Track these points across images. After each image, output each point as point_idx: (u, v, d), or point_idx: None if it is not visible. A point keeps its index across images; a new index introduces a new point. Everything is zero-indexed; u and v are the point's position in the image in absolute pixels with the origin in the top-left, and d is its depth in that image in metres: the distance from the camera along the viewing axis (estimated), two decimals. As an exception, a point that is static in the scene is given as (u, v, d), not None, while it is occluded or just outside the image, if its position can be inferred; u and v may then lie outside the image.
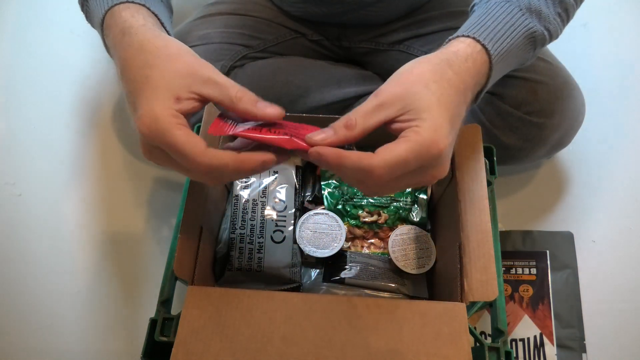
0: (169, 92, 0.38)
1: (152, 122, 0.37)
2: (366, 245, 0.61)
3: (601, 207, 0.81)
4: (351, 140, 0.39)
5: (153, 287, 0.74)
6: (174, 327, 0.44)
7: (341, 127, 0.39)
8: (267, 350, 0.41)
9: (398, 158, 0.37)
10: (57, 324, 0.72)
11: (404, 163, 0.37)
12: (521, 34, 0.47)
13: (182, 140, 0.36)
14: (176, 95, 0.38)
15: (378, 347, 0.41)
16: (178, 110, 0.38)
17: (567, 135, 0.72)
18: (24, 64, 1.00)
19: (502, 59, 0.46)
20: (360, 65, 0.84)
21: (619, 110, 0.91)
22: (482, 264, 0.45)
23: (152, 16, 0.46)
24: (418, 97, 0.40)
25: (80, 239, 0.79)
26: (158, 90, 0.38)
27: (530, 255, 0.73)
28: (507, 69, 0.50)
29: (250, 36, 0.77)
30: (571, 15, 0.53)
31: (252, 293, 0.44)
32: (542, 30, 0.48)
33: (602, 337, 0.69)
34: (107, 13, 0.45)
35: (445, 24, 0.74)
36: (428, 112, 0.39)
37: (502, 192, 0.81)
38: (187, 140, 0.36)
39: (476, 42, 0.45)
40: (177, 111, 0.37)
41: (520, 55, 0.49)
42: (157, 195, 0.84)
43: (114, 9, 0.45)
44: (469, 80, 0.44)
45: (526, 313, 0.69)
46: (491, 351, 0.44)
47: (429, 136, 0.38)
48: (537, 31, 0.48)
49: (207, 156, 0.36)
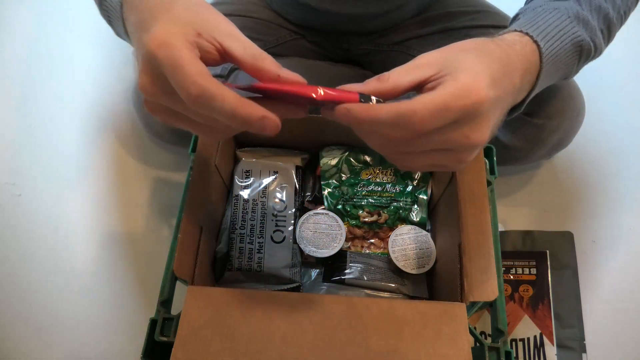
0: (191, 25, 0.34)
1: (165, 37, 0.32)
2: (366, 245, 0.61)
3: (601, 207, 0.81)
4: (382, 93, 0.35)
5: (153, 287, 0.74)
6: (174, 327, 0.44)
7: (372, 80, 0.36)
8: (267, 350, 0.41)
9: (439, 101, 0.33)
10: (57, 324, 0.72)
11: (445, 108, 0.33)
12: (570, 40, 0.46)
13: (187, 58, 0.32)
14: (198, 31, 0.34)
15: (378, 347, 0.41)
16: (197, 44, 0.34)
17: (567, 135, 0.72)
18: (24, 64, 1.00)
19: (552, 61, 0.45)
20: (360, 66, 0.84)
21: (619, 110, 0.91)
22: (482, 264, 0.45)
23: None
24: (456, 58, 0.36)
25: (81, 239, 0.79)
26: (179, 19, 0.34)
27: (530, 255, 0.73)
28: (555, 76, 0.48)
29: (250, 37, 0.77)
30: (612, 34, 0.52)
31: (252, 293, 0.44)
32: (589, 40, 0.47)
33: (602, 337, 0.69)
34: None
35: (445, 24, 0.74)
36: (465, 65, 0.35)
37: (502, 192, 0.81)
38: (191, 60, 0.32)
39: (526, 35, 0.43)
40: (197, 44, 0.34)
41: (567, 62, 0.47)
42: (157, 195, 0.84)
43: None
44: (515, 60, 0.41)
45: (526, 313, 0.69)
46: (491, 351, 0.44)
47: (467, 81, 0.34)
48: (584, 40, 0.47)
49: (205, 78, 0.32)
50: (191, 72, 0.32)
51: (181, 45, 0.32)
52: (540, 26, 0.45)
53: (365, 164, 0.64)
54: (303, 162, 0.65)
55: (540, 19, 0.46)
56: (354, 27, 0.76)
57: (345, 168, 0.63)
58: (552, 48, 0.44)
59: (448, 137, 0.35)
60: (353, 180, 0.63)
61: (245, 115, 0.32)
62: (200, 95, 0.32)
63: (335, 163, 0.63)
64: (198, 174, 0.51)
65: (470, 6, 0.75)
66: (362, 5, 0.71)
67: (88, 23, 1.07)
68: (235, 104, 0.32)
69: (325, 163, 0.63)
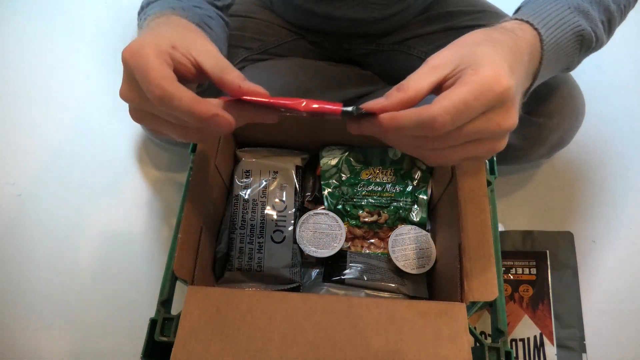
0: (168, 39, 0.38)
1: (138, 47, 0.36)
2: (366, 245, 0.61)
3: (601, 207, 0.81)
4: (406, 103, 0.36)
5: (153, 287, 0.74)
6: (174, 327, 0.44)
7: (393, 91, 0.36)
8: (267, 350, 0.41)
9: (458, 101, 0.34)
10: (57, 324, 0.72)
11: (466, 106, 0.34)
12: (570, 29, 0.46)
13: (153, 64, 0.35)
14: (173, 44, 0.38)
15: (378, 347, 0.41)
16: (170, 55, 0.37)
17: (567, 135, 0.72)
18: (25, 64, 1.00)
19: (554, 49, 0.45)
20: (361, 65, 0.84)
21: (619, 110, 0.91)
22: (482, 264, 0.45)
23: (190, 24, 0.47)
24: (471, 52, 0.37)
25: (80, 239, 0.79)
26: (159, 35, 0.39)
27: (530, 255, 0.73)
28: (557, 66, 0.48)
29: (250, 38, 0.77)
30: (613, 27, 0.52)
31: (252, 293, 0.44)
32: (590, 31, 0.48)
33: (602, 337, 0.69)
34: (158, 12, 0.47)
35: (446, 24, 0.74)
36: (483, 58, 0.36)
37: (502, 192, 0.81)
38: (156, 65, 0.35)
39: (526, 22, 0.44)
40: (169, 54, 0.37)
41: (568, 52, 0.48)
42: (157, 195, 0.84)
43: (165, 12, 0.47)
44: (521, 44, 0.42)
45: (526, 313, 0.69)
46: (491, 351, 0.44)
47: (488, 73, 0.35)
48: (585, 30, 0.47)
49: (166, 81, 0.35)
50: (155, 76, 0.35)
51: (149, 53, 0.36)
52: (540, 15, 0.45)
53: (366, 164, 0.64)
54: (303, 162, 0.65)
55: (540, 9, 0.46)
56: (356, 31, 0.76)
57: (345, 168, 0.63)
58: (553, 36, 0.45)
59: (479, 129, 0.36)
60: (353, 180, 0.63)
61: (199, 112, 0.35)
62: (162, 96, 0.35)
63: (335, 163, 0.63)
64: (198, 174, 0.51)
65: (470, 6, 0.75)
66: (364, 10, 0.71)
67: (89, 24, 1.07)
68: (191, 103, 0.35)
69: (325, 163, 0.63)
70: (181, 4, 0.52)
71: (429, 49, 0.75)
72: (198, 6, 0.56)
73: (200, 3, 0.58)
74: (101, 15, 1.08)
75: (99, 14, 1.09)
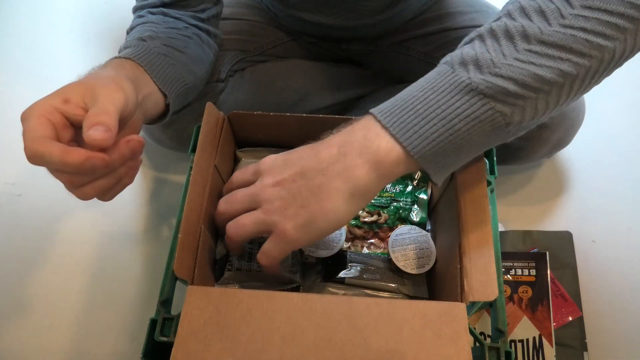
0: (63, 93, 0.41)
1: (27, 109, 0.40)
2: (366, 245, 0.61)
3: (601, 207, 0.81)
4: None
5: (153, 287, 0.74)
6: (174, 327, 0.44)
7: None
8: (267, 350, 0.41)
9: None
10: (57, 324, 0.72)
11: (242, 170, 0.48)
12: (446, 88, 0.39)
13: (31, 125, 0.38)
14: (66, 98, 0.40)
15: (378, 347, 0.41)
16: (59, 109, 0.40)
17: (567, 135, 0.72)
18: (24, 65, 1.00)
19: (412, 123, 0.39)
20: (361, 65, 0.84)
21: (619, 110, 0.91)
22: (482, 264, 0.45)
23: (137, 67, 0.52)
24: None
25: (80, 239, 0.79)
26: (62, 90, 0.41)
27: (529, 256, 0.73)
28: (473, 141, 0.40)
29: (246, 41, 0.77)
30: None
31: (252, 293, 0.44)
32: (482, 80, 0.37)
33: (602, 338, 0.69)
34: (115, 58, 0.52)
35: (444, 24, 0.74)
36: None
37: (502, 192, 0.81)
38: (32, 126, 0.38)
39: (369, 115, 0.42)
40: (57, 109, 0.40)
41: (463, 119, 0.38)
42: (157, 195, 0.84)
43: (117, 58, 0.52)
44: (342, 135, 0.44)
45: (525, 314, 0.69)
46: (491, 351, 0.44)
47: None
48: (471, 84, 0.37)
49: (36, 142, 0.38)
50: (27, 138, 0.38)
51: (32, 115, 0.39)
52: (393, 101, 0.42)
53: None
54: (303, 162, 0.65)
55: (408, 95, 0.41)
56: (352, 35, 0.76)
57: (345, 168, 0.63)
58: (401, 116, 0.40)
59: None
60: (353, 180, 0.63)
61: (71, 160, 0.37)
62: (32, 155, 0.38)
63: (335, 163, 0.63)
64: (198, 174, 0.51)
65: (469, 6, 0.75)
66: (356, 17, 0.71)
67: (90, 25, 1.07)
68: (61, 154, 0.37)
69: (325, 163, 0.63)
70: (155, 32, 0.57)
71: (428, 50, 0.75)
72: (174, 27, 0.61)
73: (177, 24, 0.62)
74: (101, 15, 1.08)
75: (99, 13, 1.09)
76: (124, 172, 0.44)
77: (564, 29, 0.36)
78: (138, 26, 0.60)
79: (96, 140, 0.37)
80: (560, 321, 0.69)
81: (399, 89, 0.42)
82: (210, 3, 0.65)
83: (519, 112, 0.38)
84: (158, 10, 0.61)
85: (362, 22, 0.71)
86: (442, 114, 0.38)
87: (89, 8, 1.10)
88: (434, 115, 0.38)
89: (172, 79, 0.56)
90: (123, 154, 0.41)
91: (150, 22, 0.60)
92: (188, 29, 0.62)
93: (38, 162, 0.38)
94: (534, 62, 0.36)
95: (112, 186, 0.44)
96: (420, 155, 0.39)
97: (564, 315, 0.69)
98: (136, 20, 0.61)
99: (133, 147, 0.42)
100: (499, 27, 0.39)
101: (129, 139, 0.42)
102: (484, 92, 0.37)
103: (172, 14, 0.62)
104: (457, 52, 0.40)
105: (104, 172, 0.41)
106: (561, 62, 0.36)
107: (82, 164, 0.38)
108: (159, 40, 0.57)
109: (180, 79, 0.57)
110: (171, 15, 0.61)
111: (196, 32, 0.64)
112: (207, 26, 0.66)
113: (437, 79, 0.39)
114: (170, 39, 0.58)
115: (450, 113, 0.38)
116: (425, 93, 0.39)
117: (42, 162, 0.38)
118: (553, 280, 0.71)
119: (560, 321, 0.69)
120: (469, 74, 0.38)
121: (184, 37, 0.61)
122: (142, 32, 0.57)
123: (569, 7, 0.36)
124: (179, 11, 0.63)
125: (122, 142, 0.41)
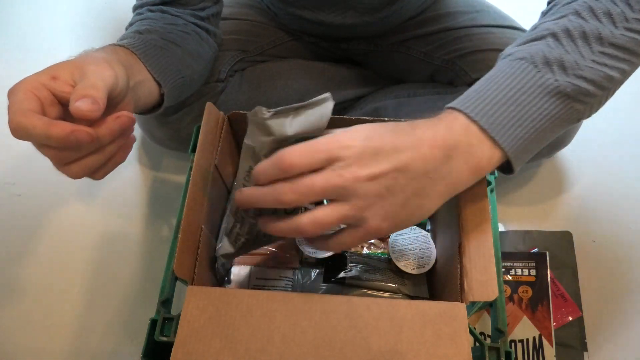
0: (52, 70, 0.40)
1: (15, 85, 0.39)
2: (366, 245, 0.61)
3: (601, 207, 0.81)
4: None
5: (153, 287, 0.74)
6: (174, 327, 0.44)
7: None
8: (267, 350, 0.41)
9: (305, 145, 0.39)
10: (57, 324, 0.72)
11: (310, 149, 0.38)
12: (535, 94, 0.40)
13: (17, 98, 0.38)
14: (54, 74, 0.40)
15: (378, 347, 0.41)
16: (46, 86, 0.39)
17: (567, 134, 0.72)
18: (24, 65, 1.00)
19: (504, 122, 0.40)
20: (361, 65, 0.84)
21: (619, 109, 0.91)
22: (482, 264, 0.45)
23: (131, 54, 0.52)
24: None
25: (80, 239, 0.79)
26: (51, 67, 0.41)
27: (529, 256, 0.73)
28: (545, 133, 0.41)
29: (246, 41, 0.77)
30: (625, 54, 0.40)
31: (252, 293, 0.44)
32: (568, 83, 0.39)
33: (602, 338, 0.69)
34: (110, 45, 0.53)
35: (445, 24, 0.74)
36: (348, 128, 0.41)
37: (502, 192, 0.81)
38: (18, 99, 0.38)
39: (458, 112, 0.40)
40: (45, 86, 0.39)
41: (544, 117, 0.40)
42: (157, 195, 0.84)
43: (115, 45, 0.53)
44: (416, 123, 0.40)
45: (525, 314, 0.69)
46: (491, 351, 0.44)
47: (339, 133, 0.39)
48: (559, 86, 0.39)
49: (20, 114, 0.37)
50: (12, 111, 0.37)
51: (19, 89, 0.38)
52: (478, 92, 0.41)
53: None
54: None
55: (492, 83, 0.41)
56: (351, 33, 0.76)
57: (345, 168, 0.63)
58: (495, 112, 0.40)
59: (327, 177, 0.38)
60: (353, 180, 0.63)
61: (56, 133, 0.37)
62: (16, 129, 0.37)
63: (335, 163, 0.63)
64: (198, 174, 0.51)
65: (469, 6, 0.75)
66: (355, 15, 0.71)
67: (90, 25, 1.07)
68: (45, 127, 0.36)
69: (325, 163, 0.63)
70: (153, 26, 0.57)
71: (429, 49, 0.75)
72: (173, 24, 0.61)
73: (175, 20, 0.62)
74: (101, 16, 1.08)
75: (99, 13, 1.09)
76: (114, 149, 0.43)
77: (629, 32, 0.40)
78: (137, 22, 0.60)
79: (82, 110, 0.37)
80: (560, 321, 0.69)
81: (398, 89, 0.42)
82: (210, 2, 0.65)
83: (589, 109, 0.42)
84: (157, 8, 0.61)
85: (362, 20, 0.71)
86: (532, 115, 0.40)
87: (89, 8, 1.10)
88: (526, 117, 0.40)
89: (167, 69, 0.56)
90: (112, 130, 0.40)
91: (149, 18, 0.60)
92: (187, 26, 0.62)
93: (22, 136, 0.37)
94: (606, 64, 0.39)
95: (101, 164, 0.43)
96: (514, 156, 0.41)
97: (564, 315, 0.69)
98: (135, 17, 0.61)
99: (122, 122, 0.41)
100: (575, 28, 0.40)
101: (119, 115, 0.41)
102: (569, 94, 0.40)
103: (172, 11, 0.62)
104: (532, 48, 0.41)
105: (91, 148, 0.40)
106: (624, 63, 0.40)
107: (66, 137, 0.37)
108: (156, 34, 0.57)
109: (176, 70, 0.57)
110: (170, 13, 0.61)
111: (195, 29, 0.64)
112: (206, 25, 0.66)
113: (522, 77, 0.40)
114: (168, 33, 0.58)
115: (539, 114, 0.40)
116: (515, 94, 0.40)
117: (25, 135, 0.37)
118: (553, 280, 0.71)
119: (560, 321, 0.69)
120: (555, 75, 0.40)
121: (182, 33, 0.61)
122: (140, 26, 0.58)
123: (630, 10, 0.40)
124: (179, 9, 0.63)
125: (111, 117, 0.40)
